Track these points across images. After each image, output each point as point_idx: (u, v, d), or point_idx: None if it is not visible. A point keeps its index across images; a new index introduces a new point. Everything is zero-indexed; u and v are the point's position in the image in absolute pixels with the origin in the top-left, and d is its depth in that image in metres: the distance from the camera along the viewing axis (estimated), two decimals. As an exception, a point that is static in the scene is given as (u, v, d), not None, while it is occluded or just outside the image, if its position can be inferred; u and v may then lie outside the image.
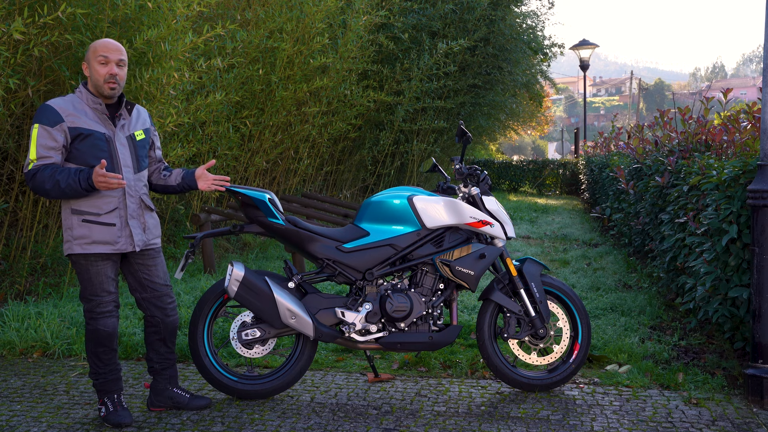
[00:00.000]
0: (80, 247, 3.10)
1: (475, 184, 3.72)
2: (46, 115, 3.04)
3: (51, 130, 3.03)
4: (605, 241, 8.90)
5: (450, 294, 3.64)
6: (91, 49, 3.13)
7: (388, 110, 10.79)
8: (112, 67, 3.10)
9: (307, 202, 7.31)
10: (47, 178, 2.99)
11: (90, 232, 3.10)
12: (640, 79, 59.19)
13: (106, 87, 3.11)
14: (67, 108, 3.08)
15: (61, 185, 2.99)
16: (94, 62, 3.10)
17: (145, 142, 3.30)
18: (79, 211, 3.10)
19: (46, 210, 6.02)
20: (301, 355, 3.56)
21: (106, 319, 3.19)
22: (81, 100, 3.14)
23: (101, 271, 3.15)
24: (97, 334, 3.18)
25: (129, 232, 3.17)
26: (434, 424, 3.25)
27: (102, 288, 3.16)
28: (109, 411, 3.23)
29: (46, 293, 5.43)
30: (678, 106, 5.84)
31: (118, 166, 3.15)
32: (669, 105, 45.65)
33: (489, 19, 12.04)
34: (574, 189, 18.99)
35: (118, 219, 3.14)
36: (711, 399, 3.52)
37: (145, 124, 3.35)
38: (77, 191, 3.01)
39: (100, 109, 3.14)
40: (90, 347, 3.23)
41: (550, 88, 28.41)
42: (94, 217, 3.10)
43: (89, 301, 3.18)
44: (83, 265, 3.14)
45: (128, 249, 3.17)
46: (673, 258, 4.99)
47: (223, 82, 6.36)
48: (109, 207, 3.12)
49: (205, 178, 3.39)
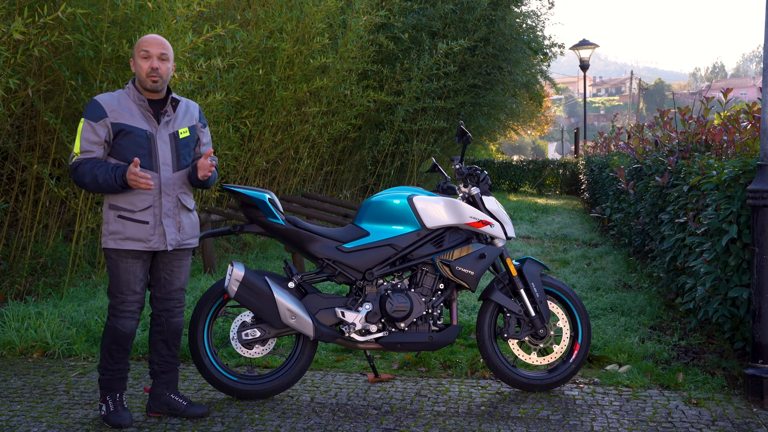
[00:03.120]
0: (114, 242, 3.12)
1: (475, 184, 3.72)
2: (91, 110, 3.10)
3: (94, 124, 3.07)
4: (605, 241, 8.90)
5: (450, 294, 3.64)
6: (135, 45, 3.18)
7: (388, 110, 10.79)
8: (154, 60, 3.12)
9: (307, 202, 7.31)
10: (87, 172, 3.04)
11: (124, 228, 3.11)
12: (640, 79, 59.20)
13: (148, 80, 3.13)
14: (112, 103, 3.12)
15: (99, 180, 3.03)
16: (137, 57, 3.14)
17: (189, 140, 3.27)
18: (115, 207, 3.13)
19: (46, 210, 6.02)
20: (301, 355, 3.56)
21: (126, 320, 3.19)
22: (128, 97, 3.17)
23: (130, 269, 3.15)
24: (115, 332, 3.19)
25: (162, 231, 3.16)
26: (434, 424, 3.25)
27: (128, 286, 3.16)
28: (110, 410, 3.22)
29: (46, 293, 5.43)
30: (678, 106, 5.84)
31: (156, 163, 3.15)
32: (669, 105, 45.60)
33: (489, 19, 12.04)
34: (574, 189, 19.00)
35: (152, 217, 3.14)
36: (711, 399, 3.52)
37: (192, 120, 3.31)
38: (113, 187, 3.04)
39: (144, 106, 3.16)
40: (105, 342, 3.23)
41: (550, 88, 28.41)
42: (129, 213, 3.12)
43: (114, 297, 3.18)
44: (114, 261, 3.15)
45: (160, 248, 3.17)
46: (673, 258, 4.99)
47: (223, 82, 6.36)
48: (144, 204, 3.13)
49: (201, 166, 3.21)
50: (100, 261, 6.02)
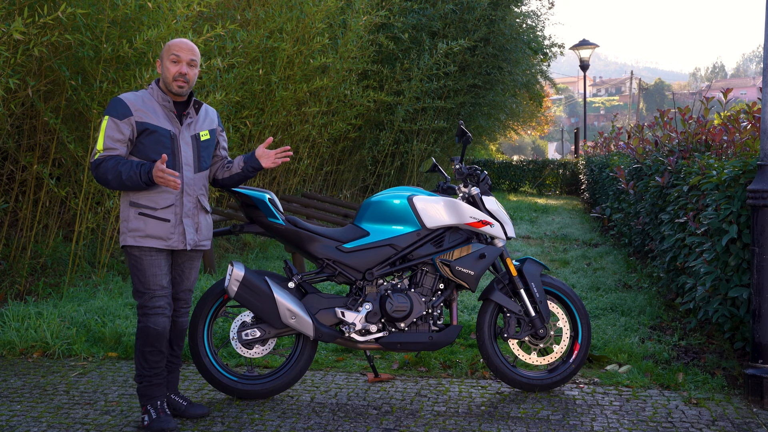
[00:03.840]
0: (133, 240, 3.11)
1: (475, 184, 3.72)
2: (116, 108, 3.09)
3: (119, 122, 3.07)
4: (605, 241, 8.90)
5: (450, 294, 3.64)
6: (165, 48, 3.19)
7: (388, 110, 10.79)
8: (183, 66, 3.14)
9: (307, 202, 7.31)
10: (110, 168, 3.04)
11: (145, 226, 3.11)
12: (640, 79, 59.19)
13: (174, 85, 3.15)
14: (136, 103, 3.12)
15: (123, 177, 3.03)
16: (167, 60, 3.15)
17: (209, 142, 3.31)
18: (136, 204, 3.12)
19: (46, 210, 6.02)
20: (301, 355, 3.56)
21: (157, 317, 3.14)
22: (152, 97, 3.18)
23: (155, 263, 3.13)
24: (147, 332, 3.13)
25: (182, 230, 3.17)
26: (434, 424, 3.25)
27: (155, 281, 3.13)
28: (152, 419, 3.15)
29: (46, 293, 5.43)
30: (678, 106, 5.84)
31: (179, 163, 3.17)
32: (669, 105, 45.63)
33: (489, 19, 12.04)
34: (574, 189, 19.00)
35: (173, 216, 3.15)
36: (711, 399, 3.52)
37: (212, 124, 3.35)
38: (137, 184, 3.05)
39: (168, 106, 3.18)
40: (138, 347, 3.18)
41: (550, 88, 28.42)
42: (151, 211, 3.12)
43: (142, 294, 3.14)
44: (136, 257, 3.13)
45: (179, 247, 3.17)
46: (673, 258, 4.99)
47: (223, 82, 6.35)
48: (166, 203, 3.14)
49: (267, 155, 3.41)
50: (100, 261, 6.02)
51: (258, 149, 3.43)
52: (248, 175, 3.43)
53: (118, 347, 4.37)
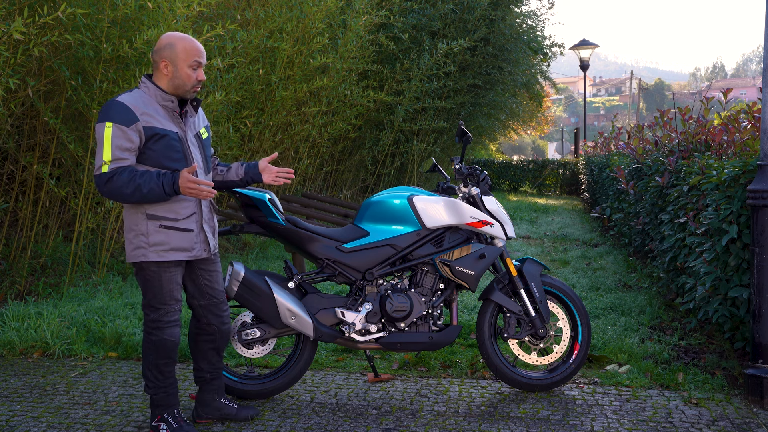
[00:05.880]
0: (156, 255, 2.89)
1: (475, 184, 3.72)
2: (120, 113, 2.78)
3: (126, 129, 2.78)
4: (605, 241, 8.90)
5: (450, 294, 3.64)
6: (180, 50, 2.90)
7: (388, 110, 10.79)
8: (202, 72, 2.95)
9: (307, 202, 7.31)
10: (126, 182, 2.76)
11: (168, 239, 2.90)
12: (640, 79, 59.19)
13: (191, 91, 2.95)
14: (138, 105, 2.83)
15: (143, 190, 2.77)
16: (183, 64, 2.89)
17: (209, 141, 3.14)
18: (156, 216, 2.88)
19: (46, 210, 6.02)
20: (301, 355, 3.56)
21: (173, 329, 3.00)
22: (149, 97, 2.90)
23: (173, 278, 2.96)
24: (164, 344, 2.98)
25: (204, 237, 3.02)
26: (434, 424, 3.25)
27: (171, 296, 2.97)
28: (173, 428, 3.03)
29: (46, 293, 5.43)
30: (678, 106, 5.84)
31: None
32: (669, 105, 45.64)
33: (489, 19, 12.04)
34: (574, 189, 18.99)
35: (195, 224, 2.98)
36: (711, 399, 3.52)
37: (205, 121, 3.19)
38: (160, 196, 2.81)
39: (171, 107, 2.93)
40: (151, 359, 3.01)
41: (550, 88, 28.41)
42: (173, 222, 2.90)
43: (156, 309, 2.97)
44: (155, 272, 2.92)
45: (203, 255, 3.02)
46: (673, 258, 4.99)
47: (223, 82, 6.35)
48: (187, 212, 2.94)
49: (269, 170, 3.25)
50: (100, 261, 6.02)
51: (261, 162, 3.27)
52: (245, 185, 3.33)
53: (118, 347, 4.37)
